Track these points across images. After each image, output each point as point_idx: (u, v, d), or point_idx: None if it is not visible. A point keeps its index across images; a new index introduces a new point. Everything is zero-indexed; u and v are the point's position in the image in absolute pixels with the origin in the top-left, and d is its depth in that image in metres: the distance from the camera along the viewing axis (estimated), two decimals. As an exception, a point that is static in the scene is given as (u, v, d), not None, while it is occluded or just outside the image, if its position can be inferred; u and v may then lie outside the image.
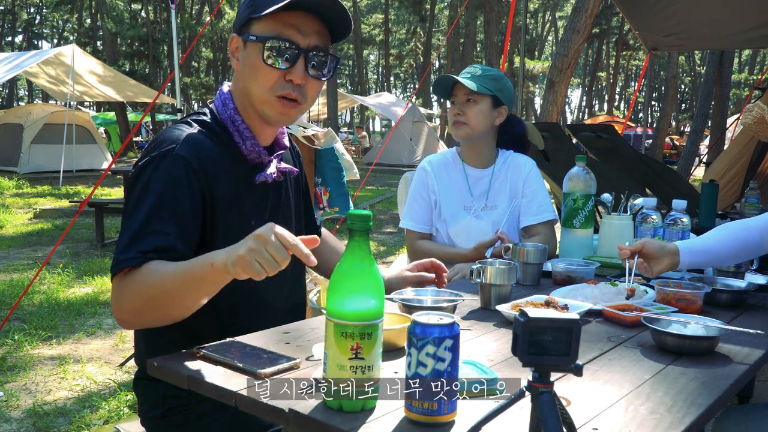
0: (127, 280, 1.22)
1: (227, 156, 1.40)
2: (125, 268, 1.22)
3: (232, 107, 1.43)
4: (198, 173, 1.32)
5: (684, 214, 1.95)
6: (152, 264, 1.21)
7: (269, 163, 1.46)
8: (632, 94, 41.69)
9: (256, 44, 1.35)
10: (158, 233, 1.25)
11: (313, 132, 3.62)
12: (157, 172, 1.29)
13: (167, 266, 1.20)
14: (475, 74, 2.33)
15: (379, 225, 9.17)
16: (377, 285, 0.94)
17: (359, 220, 0.94)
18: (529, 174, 2.40)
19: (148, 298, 1.20)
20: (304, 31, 1.36)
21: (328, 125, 18.38)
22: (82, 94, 14.56)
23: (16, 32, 47.18)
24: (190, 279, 1.17)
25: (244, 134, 1.42)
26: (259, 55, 1.35)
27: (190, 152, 1.32)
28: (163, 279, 1.19)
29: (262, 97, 1.38)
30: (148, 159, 1.32)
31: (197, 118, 1.43)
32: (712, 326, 1.33)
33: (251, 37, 1.35)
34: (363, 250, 0.94)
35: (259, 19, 1.34)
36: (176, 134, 1.35)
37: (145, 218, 1.25)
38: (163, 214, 1.26)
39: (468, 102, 2.32)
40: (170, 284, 1.18)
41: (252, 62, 1.37)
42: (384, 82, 44.45)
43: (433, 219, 2.44)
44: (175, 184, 1.29)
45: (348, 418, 0.92)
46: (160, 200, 1.27)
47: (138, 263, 1.21)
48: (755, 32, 5.72)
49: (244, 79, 1.40)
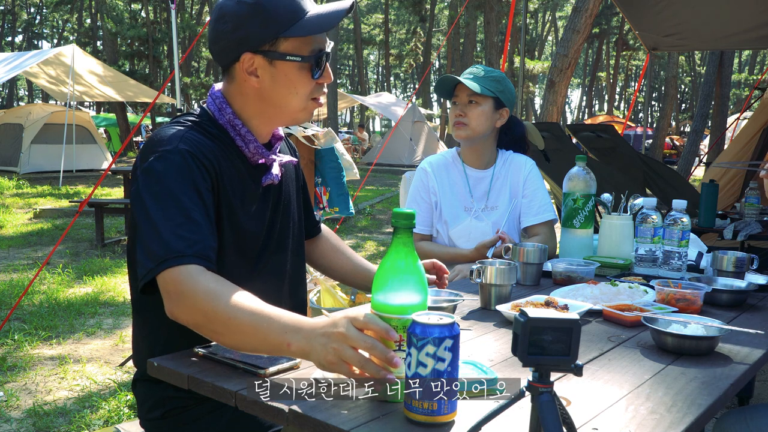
0: (184, 280, 1.16)
1: (228, 156, 1.39)
2: (172, 267, 1.16)
3: (230, 112, 1.41)
4: (206, 167, 1.31)
5: (684, 214, 1.95)
6: (212, 277, 1.16)
7: (272, 164, 1.46)
8: (632, 94, 41.69)
9: (294, 63, 1.34)
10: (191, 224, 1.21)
11: (313, 132, 3.62)
12: (170, 167, 1.25)
13: (238, 300, 1.13)
14: (477, 75, 2.33)
15: (379, 225, 9.17)
16: (420, 280, 0.99)
17: (403, 218, 0.98)
18: (529, 174, 2.40)
19: (207, 318, 1.14)
20: (325, 35, 1.39)
21: (328, 125, 18.37)
22: (82, 94, 14.56)
23: (16, 32, 47.19)
24: (259, 340, 1.11)
25: (247, 137, 1.41)
26: (305, 72, 1.36)
27: (193, 146, 1.30)
28: (229, 316, 1.12)
29: (302, 105, 1.40)
30: (152, 159, 1.27)
31: (189, 119, 1.41)
32: (712, 326, 1.33)
33: (291, 58, 1.34)
34: (407, 246, 0.99)
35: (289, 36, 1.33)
36: (174, 132, 1.33)
37: (173, 211, 1.21)
38: (189, 204, 1.23)
39: (470, 103, 2.31)
40: (237, 326, 1.11)
41: (292, 80, 1.36)
42: (384, 82, 44.47)
43: (433, 220, 2.44)
44: (190, 175, 1.26)
45: (348, 418, 0.92)
46: (180, 192, 1.23)
47: (188, 261, 1.16)
48: (755, 32, 5.72)
49: (275, 95, 1.38)
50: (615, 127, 5.60)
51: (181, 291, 1.15)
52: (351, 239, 7.93)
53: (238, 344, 1.14)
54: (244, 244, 1.41)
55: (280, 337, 1.07)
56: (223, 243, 1.36)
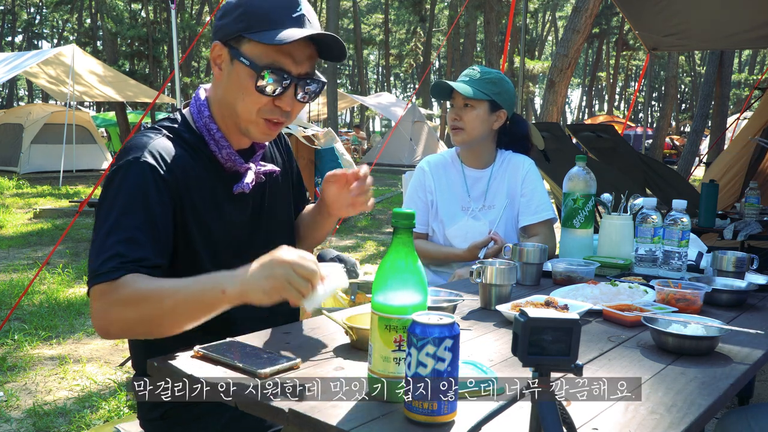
0: (111, 293, 1.19)
1: (200, 163, 1.38)
2: (106, 281, 1.19)
3: (207, 115, 1.40)
4: (166, 180, 1.30)
5: (684, 214, 1.95)
6: (140, 279, 1.19)
7: (246, 173, 1.43)
8: (632, 94, 41.68)
9: (247, 68, 1.31)
10: (131, 242, 1.23)
11: (313, 132, 3.62)
12: (125, 180, 1.28)
13: (164, 283, 1.19)
14: (473, 78, 2.32)
15: (379, 225, 9.17)
16: (420, 280, 0.99)
17: (403, 218, 0.99)
18: (527, 173, 2.40)
19: (142, 315, 1.18)
20: (298, 58, 1.33)
21: (328, 125, 18.36)
22: (82, 94, 14.55)
23: (16, 32, 47.17)
24: (194, 303, 1.16)
25: (220, 143, 1.40)
26: (251, 81, 1.31)
27: (156, 158, 1.30)
28: (161, 298, 1.17)
29: (249, 117, 1.36)
30: (115, 168, 1.30)
31: (167, 124, 1.41)
32: (712, 326, 1.33)
33: (243, 60, 1.31)
34: (407, 246, 0.99)
35: (252, 39, 1.30)
36: (143, 141, 1.33)
37: (117, 227, 1.24)
38: (135, 222, 1.25)
39: (465, 107, 2.31)
40: (170, 305, 1.16)
41: (241, 83, 1.33)
42: (384, 82, 44.46)
43: (429, 219, 2.44)
44: (143, 191, 1.27)
45: (348, 418, 0.92)
46: (129, 208, 1.25)
47: (118, 276, 1.19)
48: (755, 32, 5.72)
49: (228, 94, 1.37)
50: (615, 127, 5.61)
51: (108, 303, 1.19)
52: (351, 239, 7.93)
53: (180, 321, 1.18)
54: (218, 251, 1.40)
55: (214, 290, 1.13)
56: (199, 252, 1.36)
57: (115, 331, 1.23)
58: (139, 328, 1.23)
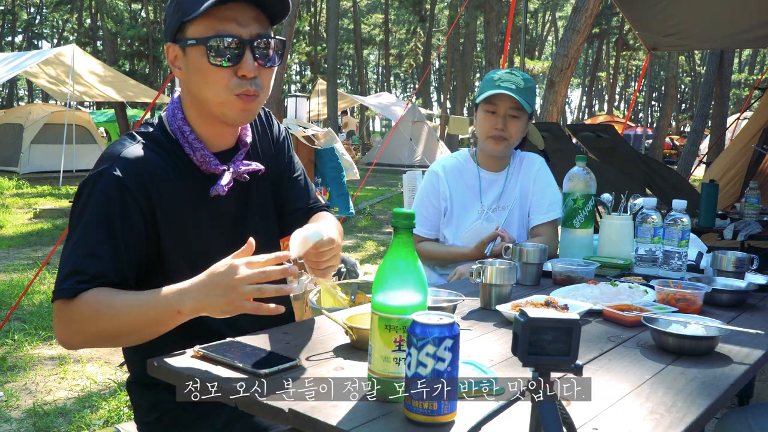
0: (69, 310, 1.22)
1: (175, 169, 1.36)
2: (64, 298, 1.22)
3: (180, 117, 1.38)
4: (134, 193, 1.29)
5: (684, 214, 1.95)
6: (99, 294, 1.21)
7: (222, 174, 1.39)
8: (632, 94, 41.69)
9: (197, 48, 1.28)
10: (92, 257, 1.24)
11: (313, 132, 3.62)
12: (92, 194, 1.28)
13: (120, 301, 1.21)
14: (519, 87, 2.24)
15: (379, 225, 9.17)
16: (420, 280, 1.00)
17: (403, 218, 0.99)
18: (538, 172, 2.39)
19: (100, 331, 1.22)
20: (242, 21, 1.29)
21: (328, 125, 18.37)
22: (82, 94, 14.54)
23: (16, 32, 47.17)
24: (151, 320, 1.19)
25: (194, 145, 1.37)
26: (204, 58, 1.28)
27: (125, 170, 1.29)
28: (118, 314, 1.20)
29: (219, 99, 1.31)
30: (85, 180, 1.31)
31: (143, 130, 1.40)
32: (712, 326, 1.33)
33: (190, 41, 1.29)
34: (407, 246, 0.99)
35: (192, 21, 1.28)
36: (116, 151, 1.32)
37: (80, 241, 1.26)
38: (98, 237, 1.25)
39: (512, 117, 2.27)
40: (127, 321, 1.20)
41: (198, 67, 1.30)
42: (384, 82, 44.46)
43: (441, 226, 2.41)
44: (108, 205, 1.27)
45: (348, 418, 0.92)
46: (93, 223, 1.26)
47: (73, 295, 1.21)
48: (755, 32, 5.72)
49: (193, 87, 1.35)
50: (615, 127, 5.61)
51: (68, 319, 1.22)
52: (351, 239, 7.93)
53: (139, 335, 1.22)
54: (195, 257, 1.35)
55: (169, 309, 1.16)
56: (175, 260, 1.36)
57: (76, 344, 1.27)
58: (99, 341, 1.26)
